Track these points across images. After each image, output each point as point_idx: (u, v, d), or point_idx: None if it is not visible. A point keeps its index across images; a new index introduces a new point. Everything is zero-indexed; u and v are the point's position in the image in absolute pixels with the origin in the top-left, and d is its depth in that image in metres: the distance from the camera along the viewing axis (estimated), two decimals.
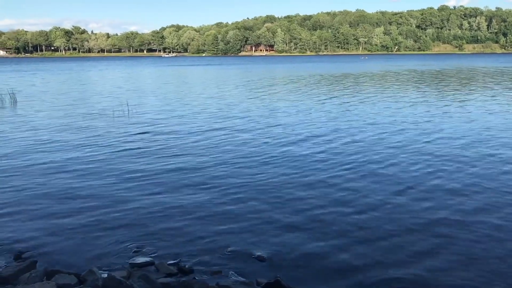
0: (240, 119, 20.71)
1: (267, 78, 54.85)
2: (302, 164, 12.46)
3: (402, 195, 9.86)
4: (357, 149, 14.33)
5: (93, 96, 33.15)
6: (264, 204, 9.32)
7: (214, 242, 7.56)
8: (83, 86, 45.12)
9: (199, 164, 12.60)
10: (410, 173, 11.55)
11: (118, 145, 15.12)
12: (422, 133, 16.88)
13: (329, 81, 47.71)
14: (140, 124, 19.50)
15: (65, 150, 14.54)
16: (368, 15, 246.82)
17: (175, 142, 15.69)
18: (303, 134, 17.00)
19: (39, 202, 9.54)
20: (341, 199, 9.60)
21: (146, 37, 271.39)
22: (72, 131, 17.98)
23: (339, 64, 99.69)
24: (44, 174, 11.72)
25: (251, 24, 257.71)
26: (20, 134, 17.44)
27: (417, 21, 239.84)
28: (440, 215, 8.64)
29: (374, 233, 7.90)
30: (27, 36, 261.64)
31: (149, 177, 11.37)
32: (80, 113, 23.29)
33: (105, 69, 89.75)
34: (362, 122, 19.68)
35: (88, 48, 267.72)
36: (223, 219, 8.54)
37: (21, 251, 7.23)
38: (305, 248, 7.35)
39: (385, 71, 68.39)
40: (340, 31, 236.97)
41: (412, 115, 21.70)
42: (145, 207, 9.21)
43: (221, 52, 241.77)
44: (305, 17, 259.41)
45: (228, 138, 16.25)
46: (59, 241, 7.63)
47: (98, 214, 8.84)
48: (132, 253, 7.21)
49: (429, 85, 40.50)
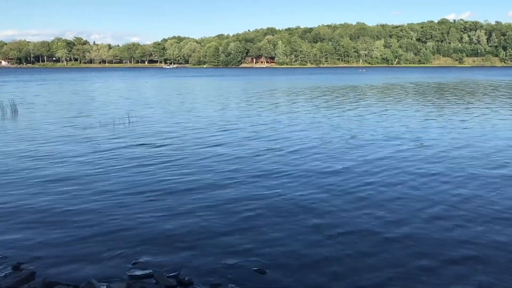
0: (241, 131, 20.70)
1: (269, 90, 54.97)
2: (305, 178, 12.44)
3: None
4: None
5: (94, 107, 33.22)
6: (264, 217, 9.29)
7: (214, 254, 7.52)
8: (85, 96, 45.23)
9: (199, 175, 12.58)
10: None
11: (117, 157, 15.11)
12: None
13: (334, 94, 47.81)
14: (140, 135, 19.51)
15: (64, 161, 14.53)
16: (369, 28, 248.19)
17: (174, 153, 15.67)
18: (309, 147, 17.00)
19: (38, 213, 9.51)
20: (345, 210, 9.57)
21: (147, 48, 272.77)
22: (72, 142, 17.98)
23: (339, 77, 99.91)
24: (42, 185, 11.70)
25: (252, 36, 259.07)
26: (19, 145, 17.44)
27: (417, 34, 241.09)
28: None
29: (381, 248, 7.87)
30: (29, 47, 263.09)
31: (148, 188, 11.34)
32: (81, 124, 23.32)
33: (107, 80, 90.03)
34: (374, 133, 19.70)
35: (89, 59, 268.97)
36: (223, 231, 8.51)
37: (20, 262, 7.20)
38: (306, 261, 7.31)
39: (385, 84, 68.49)
40: (341, 44, 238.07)
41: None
42: (144, 219, 9.19)
43: (222, 64, 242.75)
44: (305, 29, 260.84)
45: (228, 151, 16.23)
46: (57, 253, 7.60)
47: (97, 225, 8.81)
48: (131, 265, 7.18)
49: (443, 99, 40.59)
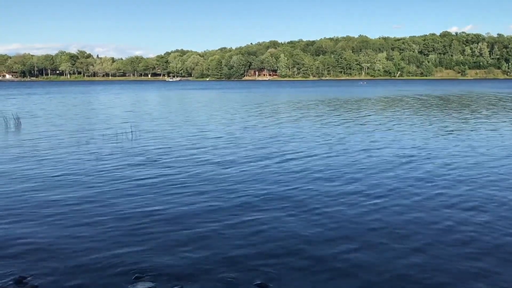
0: (247, 145, 20.68)
1: (273, 103, 55.11)
2: (306, 196, 12.43)
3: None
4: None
5: (97, 120, 33.35)
6: (268, 231, 9.28)
7: (217, 268, 7.51)
8: (88, 110, 45.45)
9: (202, 189, 12.59)
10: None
11: (119, 172, 15.12)
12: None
13: (340, 107, 47.86)
14: (143, 150, 19.55)
15: (66, 175, 14.57)
16: (371, 40, 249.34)
17: (178, 167, 15.67)
18: (319, 165, 17.00)
19: (40, 226, 9.53)
20: (349, 227, 9.55)
21: (150, 61, 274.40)
22: (74, 156, 18.02)
23: (341, 89, 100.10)
24: (43, 199, 11.73)
25: (255, 49, 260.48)
26: (20, 159, 17.49)
27: (419, 47, 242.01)
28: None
29: (381, 266, 7.84)
30: (33, 60, 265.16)
31: (150, 201, 11.36)
32: (84, 137, 23.40)
33: (111, 93, 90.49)
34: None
35: (93, 72, 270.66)
36: (225, 246, 8.49)
37: (23, 276, 7.20)
38: (306, 276, 7.29)
39: (391, 97, 68.55)
40: (343, 57, 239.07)
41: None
42: (146, 232, 9.19)
43: (225, 77, 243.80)
44: (308, 42, 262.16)
45: (232, 165, 16.24)
46: (59, 266, 7.61)
47: (99, 238, 8.82)
48: (133, 278, 7.17)
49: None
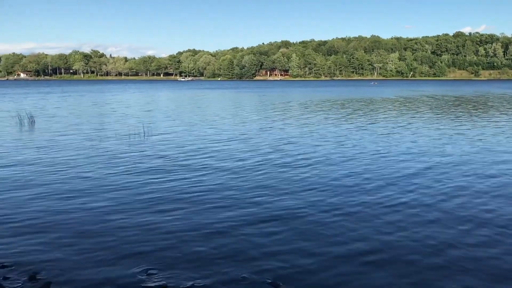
0: (260, 144, 20.65)
1: (286, 102, 55.03)
2: (319, 191, 12.39)
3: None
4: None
5: (110, 119, 33.55)
6: (279, 230, 9.25)
7: (228, 267, 7.51)
8: (101, 108, 45.73)
9: (213, 188, 12.60)
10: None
11: (131, 169, 15.21)
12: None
13: (353, 107, 47.65)
14: (156, 148, 19.65)
15: (78, 171, 14.69)
16: (383, 41, 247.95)
17: (190, 166, 15.72)
18: (334, 163, 16.95)
19: (53, 225, 9.60)
20: (362, 226, 9.50)
21: (163, 61, 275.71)
22: (86, 154, 18.14)
23: (353, 89, 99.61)
24: (55, 196, 11.83)
25: (266, 49, 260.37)
26: (33, 156, 17.67)
27: (432, 47, 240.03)
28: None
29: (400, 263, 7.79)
30: (47, 59, 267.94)
31: (162, 200, 11.40)
32: (96, 136, 23.57)
33: (124, 92, 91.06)
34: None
35: (106, 71, 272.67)
36: (237, 244, 8.49)
37: (36, 272, 7.26)
38: (319, 275, 7.26)
39: (404, 97, 68.07)
40: (355, 57, 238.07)
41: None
42: (158, 231, 9.22)
43: (236, 77, 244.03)
44: (320, 42, 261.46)
45: (245, 164, 16.25)
46: (72, 263, 7.66)
47: (112, 236, 8.87)
48: (144, 276, 7.20)
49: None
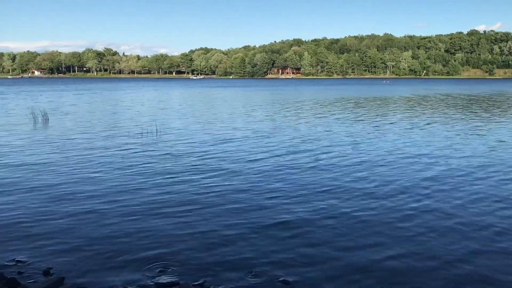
0: (274, 145, 20.62)
1: (299, 100, 54.93)
2: (333, 195, 12.36)
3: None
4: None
5: (124, 117, 33.78)
6: (291, 228, 9.25)
7: (239, 264, 7.53)
8: (115, 106, 46.05)
9: (225, 185, 12.64)
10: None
11: (143, 170, 15.31)
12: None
13: (367, 106, 47.40)
14: (167, 147, 19.75)
15: (91, 170, 14.82)
16: (396, 39, 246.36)
17: (202, 167, 15.76)
18: (351, 163, 16.89)
19: (66, 220, 9.71)
20: (376, 224, 9.46)
21: (175, 59, 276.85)
22: (98, 153, 18.26)
23: (366, 87, 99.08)
24: (67, 194, 11.95)
25: (278, 47, 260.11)
26: (46, 154, 17.85)
27: (446, 45, 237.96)
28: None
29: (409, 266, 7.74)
30: (61, 57, 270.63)
31: (174, 197, 11.46)
32: (109, 134, 23.74)
33: (138, 90, 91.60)
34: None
35: (119, 69, 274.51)
36: (249, 241, 8.51)
37: (50, 267, 7.35)
38: (330, 273, 7.25)
39: (419, 95, 67.52)
40: (368, 55, 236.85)
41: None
42: (170, 226, 9.28)
43: (248, 75, 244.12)
44: (332, 40, 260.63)
45: (257, 166, 16.26)
46: (85, 258, 7.74)
47: (124, 234, 8.93)
48: (157, 272, 7.25)
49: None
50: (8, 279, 6.66)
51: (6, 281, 6.57)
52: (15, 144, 19.83)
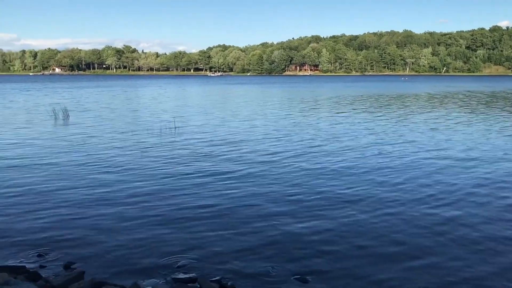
0: (296, 141, 20.57)
1: (319, 98, 54.71)
2: (345, 189, 12.30)
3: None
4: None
5: (142, 113, 34.09)
6: (310, 226, 9.24)
7: (257, 260, 7.55)
8: (134, 103, 46.46)
9: (244, 183, 12.67)
10: None
11: (163, 162, 15.45)
12: None
13: (393, 103, 46.98)
14: (185, 143, 19.87)
15: (109, 167, 14.99)
16: (416, 35, 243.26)
17: (223, 161, 15.84)
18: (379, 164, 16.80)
19: (87, 216, 9.85)
20: (394, 224, 9.39)
21: (193, 56, 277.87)
22: (118, 149, 18.50)
23: (385, 84, 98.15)
24: (89, 187, 12.11)
25: (296, 44, 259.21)
26: (66, 150, 18.11)
27: (467, 42, 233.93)
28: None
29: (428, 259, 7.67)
30: (81, 55, 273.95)
31: (192, 193, 11.53)
32: (128, 130, 23.99)
33: (158, 87, 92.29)
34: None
35: (137, 66, 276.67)
36: (267, 238, 8.52)
37: (71, 262, 7.47)
38: (349, 272, 7.22)
39: (443, 93, 66.62)
40: (387, 52, 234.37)
41: None
42: (188, 223, 9.34)
43: (266, 72, 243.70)
44: (351, 37, 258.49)
45: (277, 162, 16.26)
46: (106, 254, 7.84)
47: (144, 229, 9.03)
48: (175, 268, 7.31)
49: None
50: (30, 272, 6.80)
51: (28, 274, 6.70)
52: (35, 142, 20.18)
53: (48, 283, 6.31)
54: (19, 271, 6.79)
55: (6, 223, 9.28)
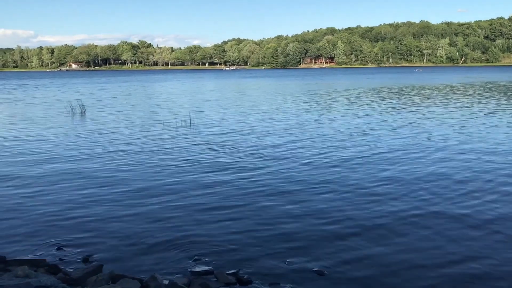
0: (315, 135, 20.51)
1: (336, 91, 54.39)
2: (363, 182, 12.23)
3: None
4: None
5: (159, 108, 34.28)
6: (325, 219, 9.21)
7: (273, 254, 7.55)
8: (151, 98, 46.72)
9: (259, 176, 12.68)
10: None
11: (180, 156, 15.55)
12: None
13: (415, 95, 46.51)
14: (202, 136, 19.95)
15: (129, 159, 15.13)
16: (433, 26, 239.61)
17: (239, 154, 15.87)
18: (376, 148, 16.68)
19: (105, 209, 9.96)
20: (408, 219, 9.32)
21: (208, 50, 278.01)
22: (135, 143, 18.64)
23: (401, 76, 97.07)
24: (107, 181, 12.24)
25: (311, 36, 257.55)
26: (84, 146, 18.30)
27: (485, 31, 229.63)
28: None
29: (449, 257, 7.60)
30: (97, 50, 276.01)
31: (208, 186, 11.58)
32: (145, 124, 24.17)
33: (176, 81, 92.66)
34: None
35: (153, 61, 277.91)
36: (283, 232, 8.52)
37: (89, 255, 7.57)
38: (365, 264, 7.18)
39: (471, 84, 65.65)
40: (403, 43, 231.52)
41: None
42: (205, 217, 9.38)
43: (281, 65, 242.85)
44: (366, 29, 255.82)
45: (292, 153, 16.23)
46: (123, 247, 7.92)
47: (161, 222, 9.10)
48: (192, 261, 7.35)
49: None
50: (50, 265, 6.91)
51: (48, 267, 6.81)
52: (52, 138, 20.46)
53: (67, 275, 6.41)
54: (40, 264, 6.91)
55: (26, 217, 9.44)
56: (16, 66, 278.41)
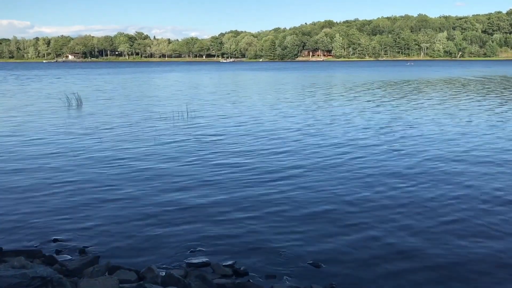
0: (303, 126, 20.62)
1: (334, 84, 54.36)
2: (350, 176, 12.26)
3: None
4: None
5: (155, 99, 34.19)
6: (322, 212, 9.25)
7: (270, 246, 7.58)
8: (148, 89, 46.55)
9: (257, 169, 12.70)
10: None
11: (176, 149, 15.53)
12: None
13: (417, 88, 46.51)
14: (197, 128, 19.94)
15: (123, 154, 15.11)
16: (431, 20, 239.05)
17: (234, 147, 15.88)
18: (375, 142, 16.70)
19: (101, 202, 9.96)
20: (403, 211, 9.35)
21: (205, 42, 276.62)
22: (132, 135, 18.62)
23: (401, 68, 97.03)
24: (102, 175, 12.23)
25: (309, 29, 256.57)
26: (79, 138, 18.26)
27: (483, 26, 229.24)
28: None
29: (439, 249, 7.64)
30: (94, 41, 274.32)
31: (206, 180, 11.59)
32: (142, 116, 24.12)
33: (170, 73, 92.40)
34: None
35: (150, 53, 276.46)
36: (279, 224, 8.55)
37: (86, 246, 7.58)
38: (360, 256, 7.22)
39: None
40: (401, 36, 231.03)
41: None
42: (202, 209, 9.40)
43: (278, 58, 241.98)
44: (364, 22, 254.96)
45: (288, 144, 16.25)
46: (120, 239, 7.94)
47: (158, 215, 9.11)
48: (188, 253, 7.38)
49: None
50: (47, 256, 6.92)
51: (45, 258, 6.82)
52: (48, 129, 20.40)
53: (63, 267, 6.41)
54: (36, 255, 6.92)
55: (23, 209, 9.43)
56: (12, 57, 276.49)
